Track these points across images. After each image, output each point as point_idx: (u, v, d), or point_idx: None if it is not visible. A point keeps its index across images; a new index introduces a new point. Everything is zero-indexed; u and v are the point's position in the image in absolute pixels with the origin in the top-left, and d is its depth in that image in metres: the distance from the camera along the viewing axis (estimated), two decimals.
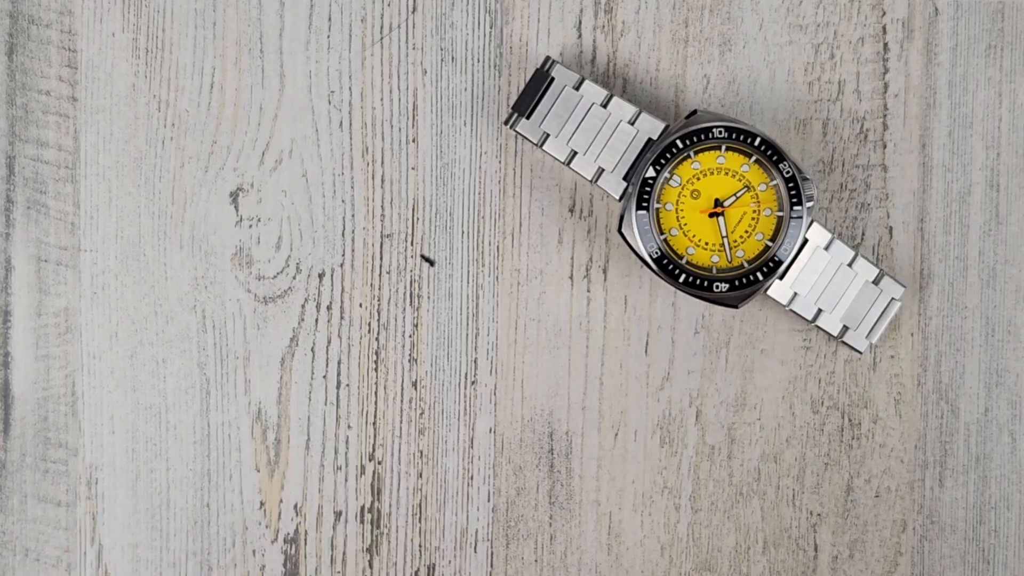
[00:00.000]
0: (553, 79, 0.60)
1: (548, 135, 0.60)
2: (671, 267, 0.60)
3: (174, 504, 0.64)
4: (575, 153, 0.60)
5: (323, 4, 0.63)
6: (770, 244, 0.60)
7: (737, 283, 0.59)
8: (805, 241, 0.60)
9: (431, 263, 0.64)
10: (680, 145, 0.59)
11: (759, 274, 0.60)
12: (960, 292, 0.63)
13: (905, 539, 0.64)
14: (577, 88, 0.60)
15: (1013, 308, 0.63)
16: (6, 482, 0.64)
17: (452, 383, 0.64)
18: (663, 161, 0.59)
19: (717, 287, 0.59)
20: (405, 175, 0.64)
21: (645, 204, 0.59)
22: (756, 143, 0.59)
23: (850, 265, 0.61)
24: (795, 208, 0.59)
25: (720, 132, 0.59)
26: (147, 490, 0.64)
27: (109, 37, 0.63)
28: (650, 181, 0.59)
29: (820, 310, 0.61)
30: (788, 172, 0.59)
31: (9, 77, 0.63)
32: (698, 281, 0.59)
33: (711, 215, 0.60)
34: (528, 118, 0.61)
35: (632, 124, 0.60)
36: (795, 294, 0.61)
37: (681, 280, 0.59)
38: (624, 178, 0.60)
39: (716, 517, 0.64)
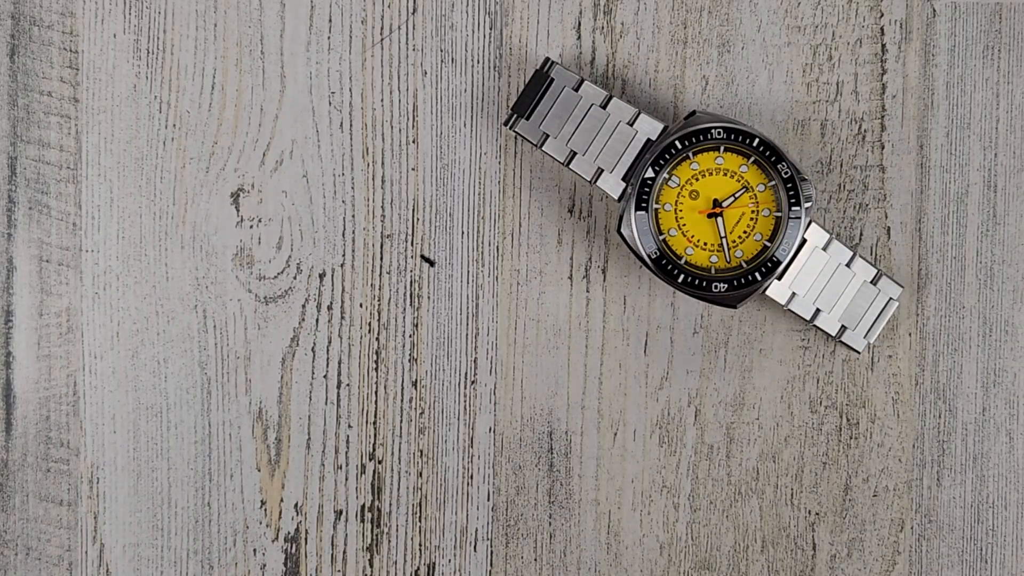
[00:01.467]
0: (552, 80, 0.61)
1: (547, 136, 0.61)
2: (670, 267, 0.60)
3: (175, 503, 0.64)
4: (574, 154, 0.60)
5: (323, 6, 0.63)
6: (768, 244, 0.60)
7: (735, 283, 0.60)
8: (803, 241, 0.60)
9: (431, 263, 0.64)
10: (679, 146, 0.59)
11: (757, 274, 0.60)
12: (958, 292, 0.64)
13: (903, 538, 0.64)
14: (576, 89, 0.60)
15: (1010, 308, 0.63)
16: (8, 481, 0.64)
17: (452, 383, 0.64)
18: (662, 162, 0.59)
19: (716, 287, 0.59)
20: (405, 176, 0.64)
21: (644, 204, 0.60)
22: (754, 144, 0.59)
23: (848, 265, 0.61)
24: (793, 208, 0.59)
25: (719, 133, 0.59)
26: (148, 489, 0.64)
27: (110, 38, 0.63)
28: (649, 182, 0.59)
29: (818, 310, 0.61)
30: (786, 173, 0.59)
31: (11, 78, 0.64)
32: (697, 281, 0.60)
33: (710, 215, 0.60)
34: (527, 119, 0.61)
35: (631, 125, 0.60)
36: (793, 294, 0.61)
37: (680, 280, 0.60)
38: (623, 179, 0.60)
39: (715, 516, 0.64)
